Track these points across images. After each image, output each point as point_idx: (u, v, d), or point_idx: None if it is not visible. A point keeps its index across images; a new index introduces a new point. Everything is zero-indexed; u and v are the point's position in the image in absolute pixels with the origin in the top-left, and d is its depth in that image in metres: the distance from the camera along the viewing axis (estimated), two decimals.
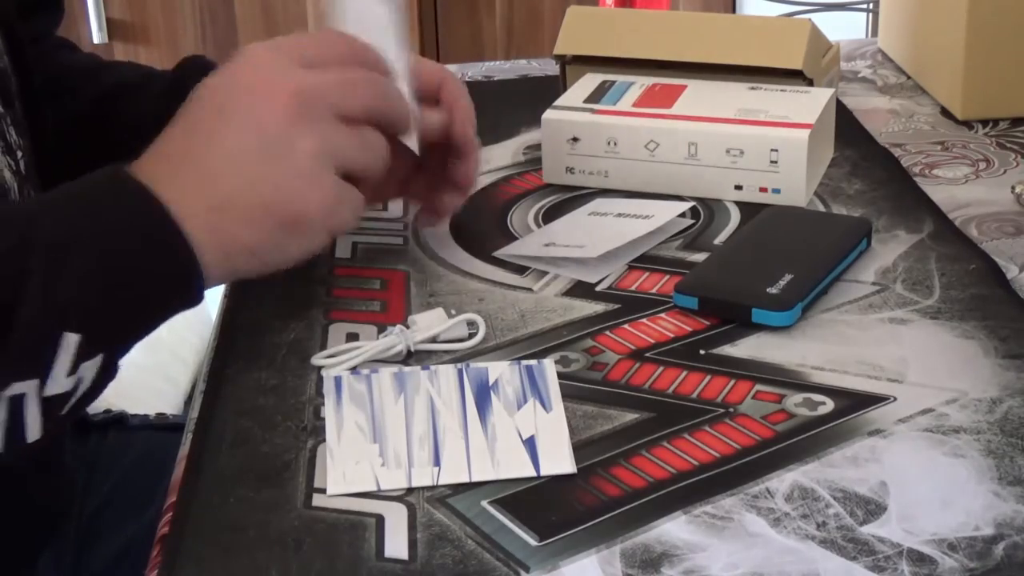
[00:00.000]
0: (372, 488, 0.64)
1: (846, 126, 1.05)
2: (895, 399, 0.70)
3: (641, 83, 1.00)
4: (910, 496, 0.62)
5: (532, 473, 0.64)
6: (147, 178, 0.66)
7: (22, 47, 0.85)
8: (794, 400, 0.70)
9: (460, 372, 0.71)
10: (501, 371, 0.72)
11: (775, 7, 2.49)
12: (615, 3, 2.47)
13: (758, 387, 0.71)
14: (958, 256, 0.85)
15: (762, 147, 0.92)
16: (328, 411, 0.69)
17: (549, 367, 0.72)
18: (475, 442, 0.66)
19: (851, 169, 0.99)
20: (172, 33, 2.52)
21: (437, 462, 0.65)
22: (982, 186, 0.96)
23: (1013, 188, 0.95)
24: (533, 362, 0.73)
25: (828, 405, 0.69)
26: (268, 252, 0.69)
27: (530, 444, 0.66)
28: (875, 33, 1.31)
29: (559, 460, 0.65)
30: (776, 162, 0.92)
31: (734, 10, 2.73)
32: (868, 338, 0.76)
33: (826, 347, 0.75)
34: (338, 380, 0.71)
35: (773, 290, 0.77)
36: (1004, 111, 1.08)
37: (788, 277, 0.79)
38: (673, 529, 0.60)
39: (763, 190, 0.93)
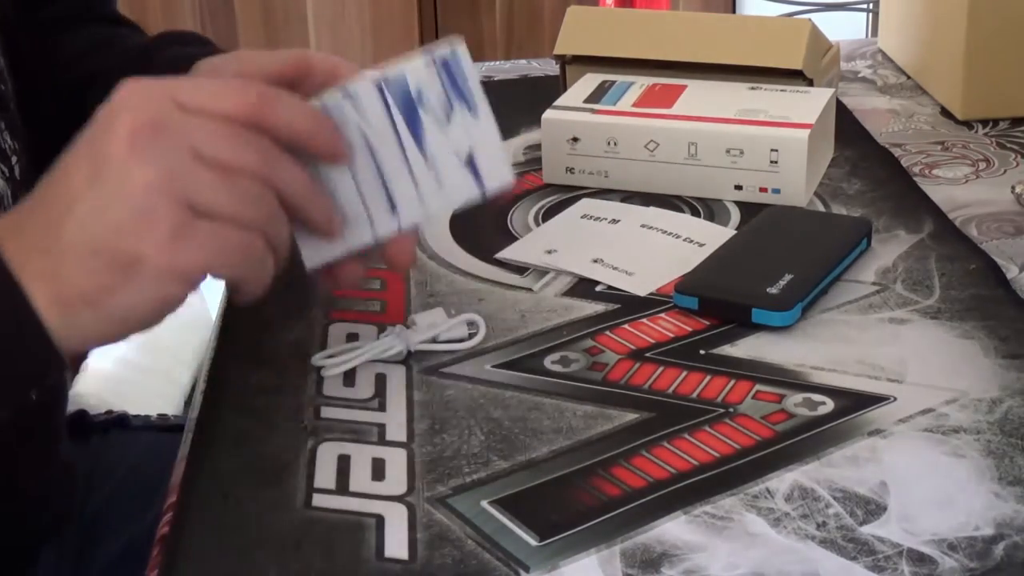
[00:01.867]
0: (342, 252, 0.68)
1: (846, 126, 1.05)
2: (895, 399, 0.70)
3: (641, 83, 1.00)
4: (910, 496, 0.62)
5: (477, 193, 0.68)
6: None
7: (20, 49, 0.85)
8: (794, 400, 0.70)
9: (380, 89, 0.66)
10: (418, 75, 0.66)
11: (775, 7, 2.49)
12: (615, 3, 2.47)
13: (758, 387, 0.71)
14: (958, 256, 0.85)
15: (762, 147, 0.92)
16: None
17: (463, 54, 0.67)
18: (420, 174, 0.67)
19: (851, 169, 0.99)
20: None
21: (393, 207, 0.67)
22: (982, 186, 0.96)
23: (1013, 188, 0.95)
24: (446, 51, 0.67)
25: (828, 405, 0.69)
26: (106, 301, 0.60)
27: (470, 163, 0.68)
28: (875, 33, 1.31)
29: (498, 173, 0.68)
30: (776, 162, 0.92)
31: (734, 10, 2.74)
32: (868, 338, 0.76)
33: (826, 347, 0.75)
34: None
35: (773, 290, 0.78)
36: (1004, 111, 1.08)
37: (788, 277, 0.79)
38: (673, 529, 0.60)
39: (763, 190, 0.93)
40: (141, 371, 1.66)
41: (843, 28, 2.41)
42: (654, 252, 0.86)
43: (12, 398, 0.61)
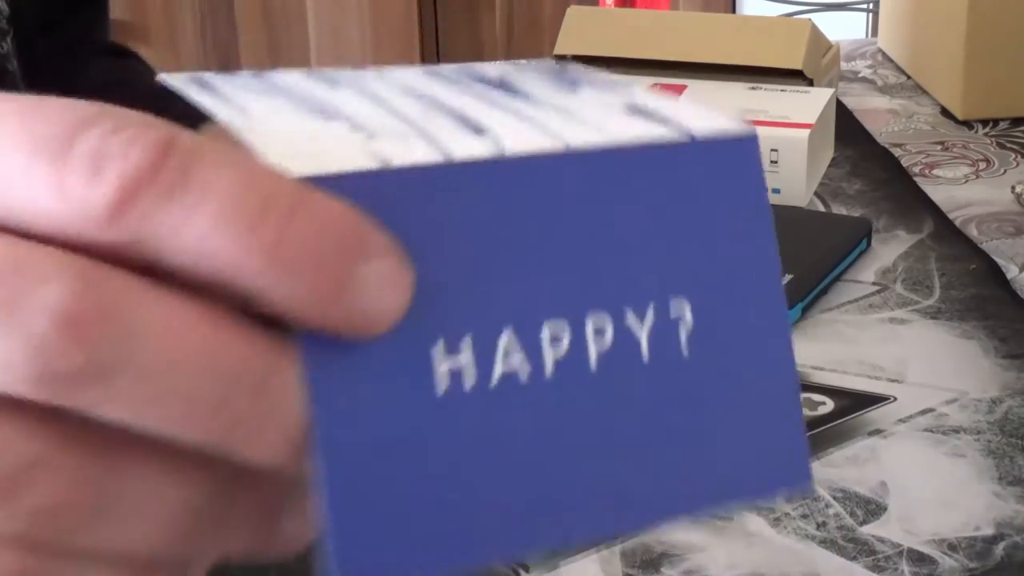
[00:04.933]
0: (373, 164, 0.26)
1: (846, 126, 1.05)
2: (895, 399, 0.70)
3: (641, 83, 1.00)
4: (910, 496, 0.62)
5: (682, 136, 0.29)
6: None
7: (32, 49, 0.85)
8: None
9: (432, 71, 0.34)
10: (504, 69, 0.35)
11: (775, 7, 2.49)
12: (615, 3, 2.47)
13: None
14: (958, 256, 0.85)
15: (762, 147, 0.92)
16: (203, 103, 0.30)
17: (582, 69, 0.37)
18: (537, 114, 0.30)
19: (851, 169, 0.99)
20: (172, 33, 2.53)
21: (483, 133, 0.28)
22: (982, 186, 0.96)
23: (1013, 188, 0.95)
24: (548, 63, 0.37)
25: (828, 405, 0.69)
26: None
27: (635, 110, 0.31)
28: (875, 33, 1.31)
29: (711, 117, 0.30)
30: (776, 162, 0.92)
31: (734, 10, 2.74)
32: (868, 338, 0.76)
33: (826, 347, 0.75)
34: (201, 79, 0.32)
35: None
36: (1004, 111, 1.08)
37: (788, 277, 0.79)
38: (673, 529, 0.60)
39: None
40: None
41: (843, 28, 2.41)
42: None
43: None
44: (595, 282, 0.28)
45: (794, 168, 0.92)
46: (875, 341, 0.75)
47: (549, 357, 0.27)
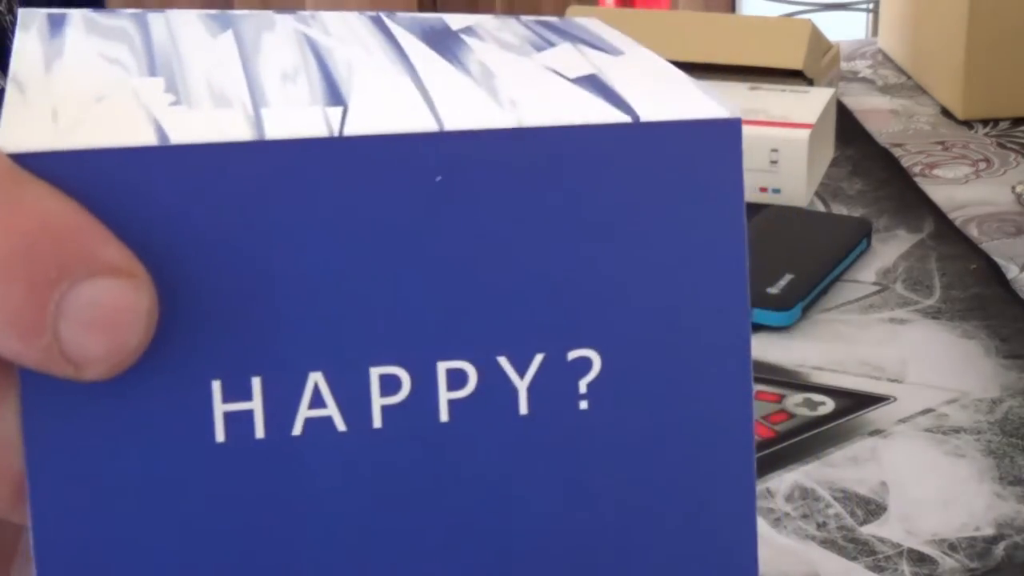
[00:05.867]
0: (146, 140, 0.20)
1: (846, 126, 1.05)
2: (895, 399, 0.70)
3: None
4: (910, 496, 0.62)
5: (621, 117, 0.23)
6: None
7: None
8: (794, 400, 0.70)
9: (377, 20, 0.29)
10: (479, 20, 0.31)
11: (775, 7, 2.49)
12: (615, 3, 2.47)
13: (758, 387, 0.71)
14: (958, 256, 0.85)
15: (762, 147, 0.92)
16: (21, 45, 0.26)
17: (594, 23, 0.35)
18: (438, 79, 0.24)
19: (851, 169, 0.99)
20: None
21: (339, 101, 0.23)
22: (982, 186, 0.96)
23: (1013, 188, 0.95)
24: (552, 18, 0.35)
25: (828, 405, 0.69)
26: None
27: (591, 83, 0.25)
28: (875, 33, 1.31)
29: (692, 102, 0.25)
30: (776, 162, 0.92)
31: (734, 10, 2.74)
32: (868, 338, 0.76)
33: (826, 347, 0.75)
34: (60, 17, 0.28)
35: (773, 290, 0.78)
36: (1004, 111, 1.08)
37: (788, 277, 0.79)
38: None
39: (763, 190, 0.93)
40: None
41: (843, 28, 2.41)
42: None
43: None
44: (459, 320, 0.21)
45: (794, 168, 0.92)
46: (875, 341, 0.75)
47: (377, 404, 0.21)
